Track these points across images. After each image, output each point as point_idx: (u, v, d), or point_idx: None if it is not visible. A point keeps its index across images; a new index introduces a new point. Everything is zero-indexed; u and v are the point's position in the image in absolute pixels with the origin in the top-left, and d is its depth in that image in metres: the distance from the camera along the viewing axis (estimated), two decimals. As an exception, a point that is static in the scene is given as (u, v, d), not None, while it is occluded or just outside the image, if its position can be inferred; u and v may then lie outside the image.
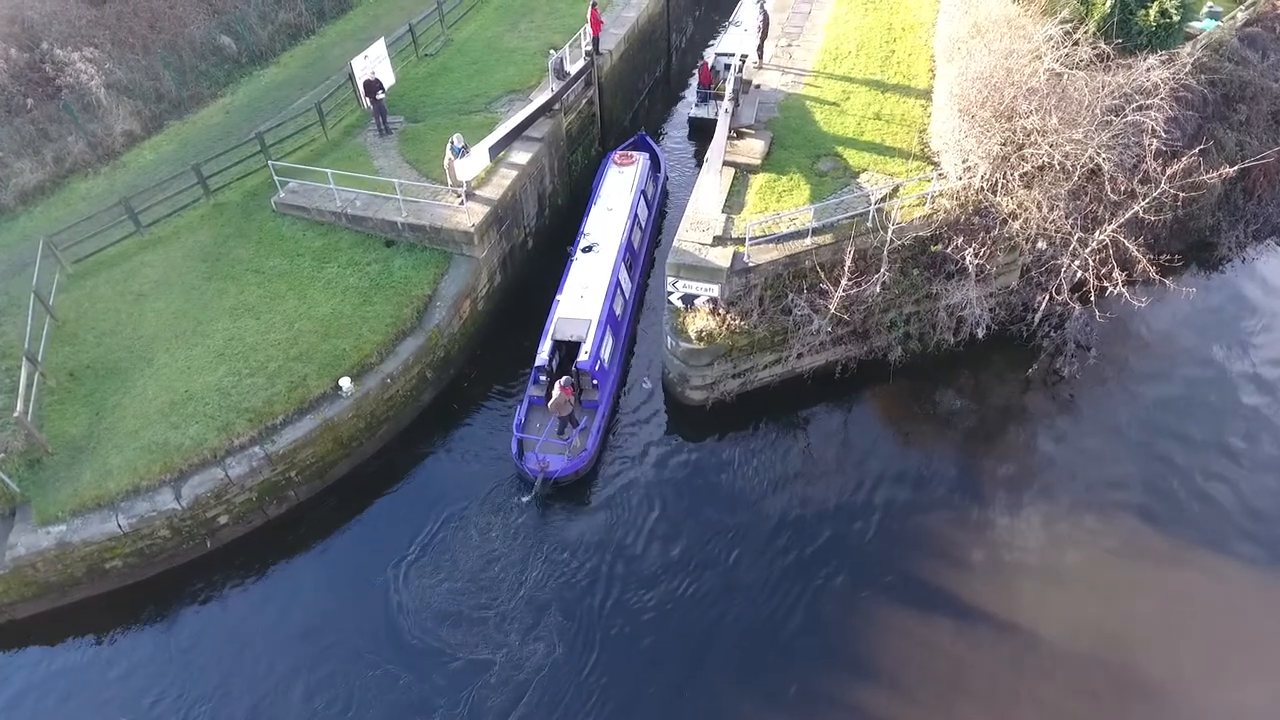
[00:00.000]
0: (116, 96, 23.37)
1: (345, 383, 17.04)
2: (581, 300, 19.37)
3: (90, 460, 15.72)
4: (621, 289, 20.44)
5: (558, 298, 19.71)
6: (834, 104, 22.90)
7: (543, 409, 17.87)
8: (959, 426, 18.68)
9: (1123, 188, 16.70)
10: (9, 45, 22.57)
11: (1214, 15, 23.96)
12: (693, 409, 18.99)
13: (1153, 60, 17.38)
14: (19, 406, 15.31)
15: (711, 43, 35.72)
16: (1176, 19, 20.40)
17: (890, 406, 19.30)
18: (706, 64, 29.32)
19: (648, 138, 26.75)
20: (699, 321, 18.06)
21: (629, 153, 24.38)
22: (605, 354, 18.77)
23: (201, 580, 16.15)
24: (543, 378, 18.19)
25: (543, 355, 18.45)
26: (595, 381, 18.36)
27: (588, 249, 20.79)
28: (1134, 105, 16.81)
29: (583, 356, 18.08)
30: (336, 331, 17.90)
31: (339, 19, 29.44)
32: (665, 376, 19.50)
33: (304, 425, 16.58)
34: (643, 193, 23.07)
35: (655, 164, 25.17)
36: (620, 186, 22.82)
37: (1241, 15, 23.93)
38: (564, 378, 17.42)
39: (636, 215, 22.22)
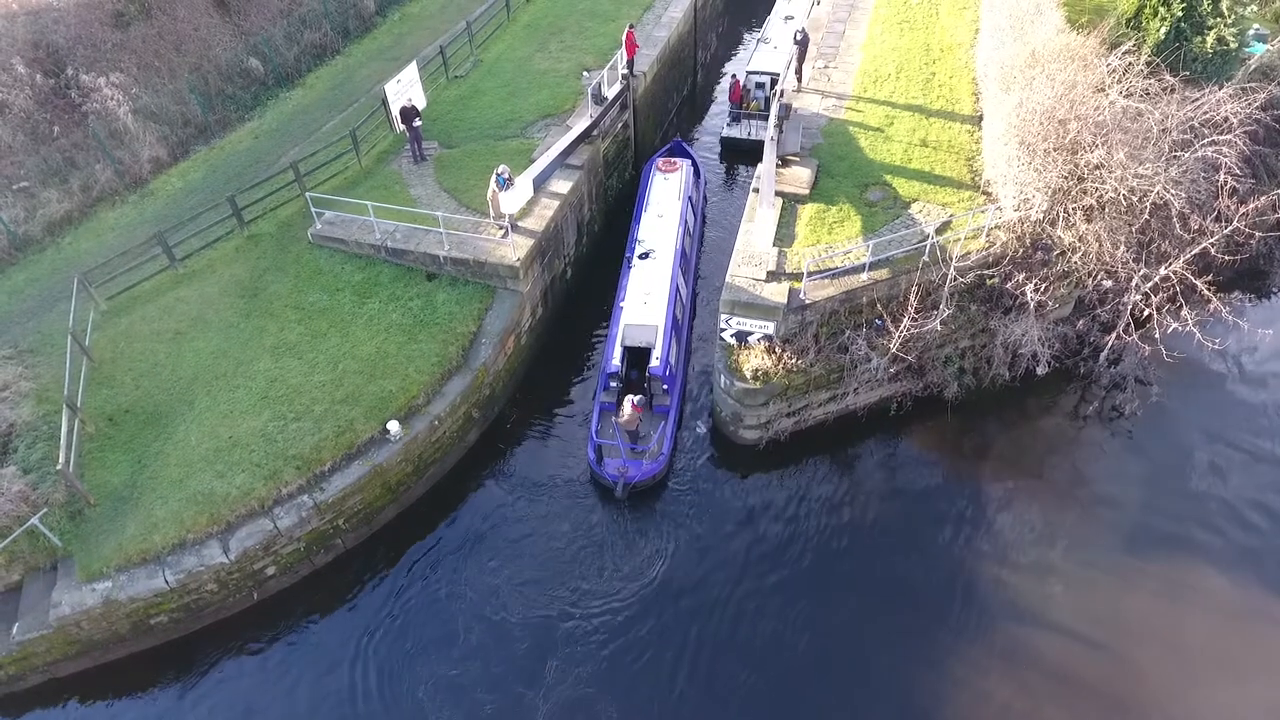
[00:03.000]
0: (143, 122, 22.82)
1: (393, 426, 16.54)
2: (645, 306, 19.40)
3: (134, 512, 15.18)
4: (680, 294, 20.46)
5: (620, 304, 19.85)
6: (878, 130, 22.45)
7: (612, 414, 17.99)
8: (1018, 466, 18.20)
9: (1194, 225, 16.26)
10: (34, 71, 22.00)
11: (1260, 38, 23.59)
12: (745, 449, 18.52)
13: (1223, 94, 16.92)
14: (61, 456, 14.77)
15: (734, 58, 35.44)
16: (1234, 46, 20.01)
17: (946, 444, 18.82)
18: (738, 82, 28.90)
19: (684, 144, 26.57)
20: (754, 360, 17.59)
21: (671, 159, 24.39)
22: (673, 359, 18.87)
23: (248, 634, 15.63)
24: (613, 384, 18.13)
25: (614, 362, 18.47)
26: (665, 386, 18.42)
27: (644, 255, 20.78)
28: (1205, 140, 16.38)
29: (654, 363, 18.22)
30: (382, 371, 17.39)
31: (364, 38, 28.92)
32: (717, 415, 19.02)
33: (353, 472, 16.07)
34: (689, 199, 23.20)
35: (696, 170, 25.27)
36: (668, 193, 22.87)
37: (1289, 37, 23.54)
38: (637, 396, 17.45)
39: (686, 221, 22.31)
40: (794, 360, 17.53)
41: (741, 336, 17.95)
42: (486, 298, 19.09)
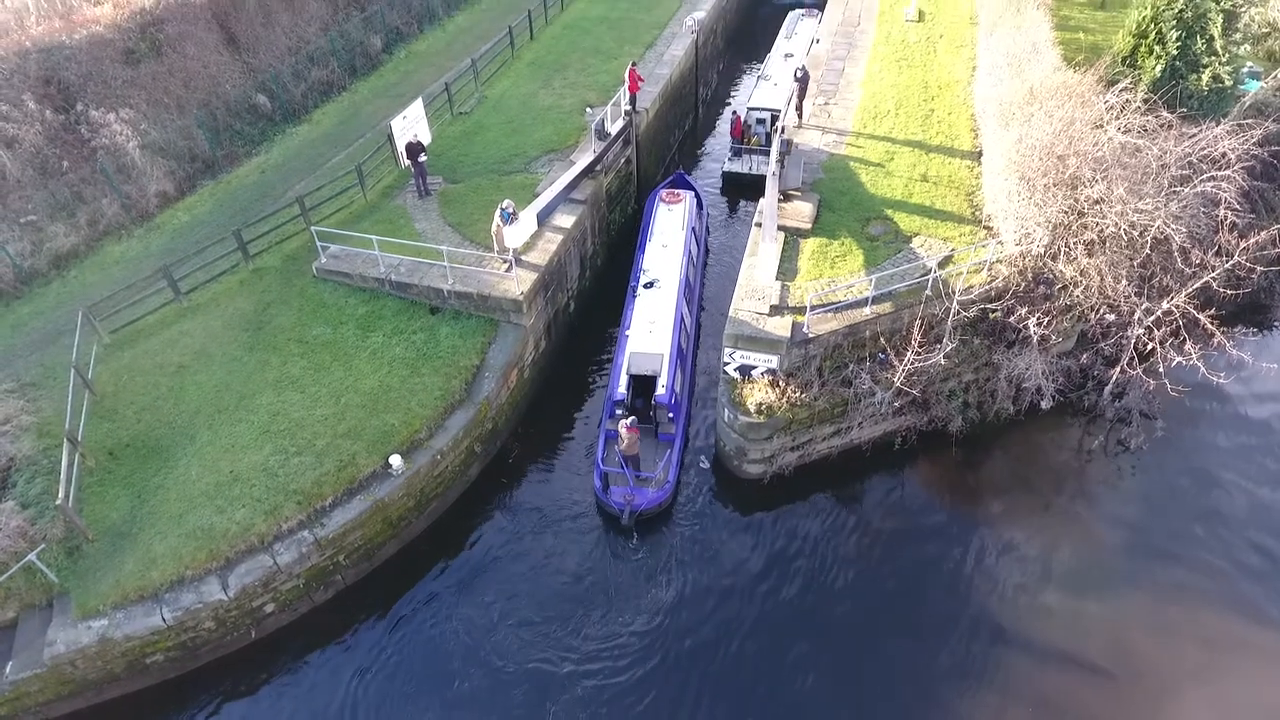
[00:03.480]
0: (151, 157, 23.05)
1: (396, 460, 16.43)
2: (651, 335, 19.57)
3: (132, 547, 15.01)
4: (684, 323, 20.61)
5: (626, 333, 19.97)
6: (879, 165, 22.67)
7: (615, 442, 17.97)
8: (1024, 501, 18.05)
9: (1195, 260, 16.33)
10: (45, 107, 22.26)
11: (1254, 75, 23.94)
12: (749, 483, 18.38)
13: (1220, 130, 17.10)
14: (61, 491, 14.65)
15: (735, 94, 35.95)
16: (1229, 83, 20.28)
17: (951, 479, 18.68)
18: (739, 118, 29.28)
19: (686, 176, 26.91)
20: (758, 394, 17.54)
21: (675, 190, 24.71)
22: (678, 387, 18.93)
23: (245, 674, 15.35)
24: (618, 412, 18.16)
25: (620, 389, 18.49)
26: (671, 415, 18.44)
27: (649, 285, 21.01)
28: (1204, 176, 16.52)
29: (660, 391, 18.28)
30: (385, 405, 17.33)
31: (370, 75, 29.36)
32: (720, 449, 18.92)
33: (354, 507, 15.92)
34: (693, 229, 23.47)
35: (698, 201, 25.60)
36: (672, 223, 23.18)
37: (1282, 74, 23.88)
38: (630, 418, 17.40)
39: (690, 251, 22.56)
40: (798, 394, 17.49)
41: (745, 370, 17.93)
42: (490, 331, 19.11)
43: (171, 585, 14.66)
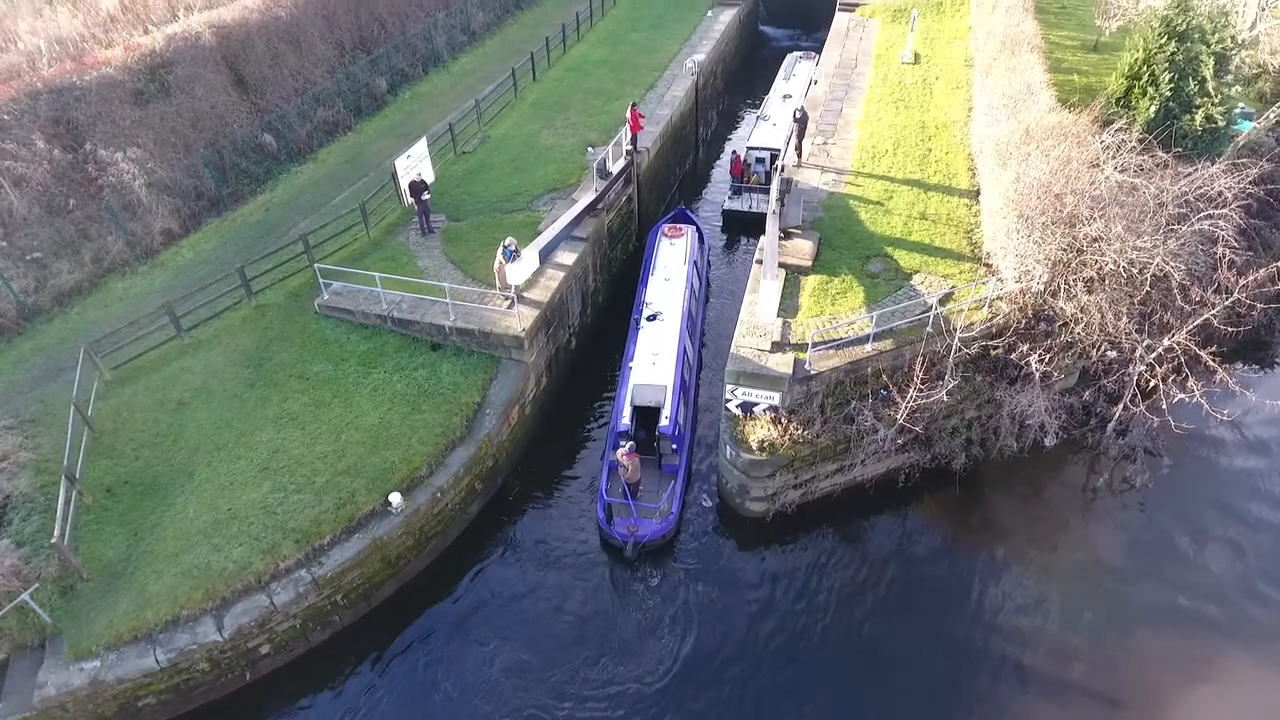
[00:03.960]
0: (157, 195, 23.27)
1: (395, 498, 16.29)
2: (654, 367, 19.68)
3: (127, 587, 14.80)
4: (687, 355, 20.77)
5: (629, 365, 20.07)
6: (878, 203, 22.89)
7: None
8: (1029, 539, 17.85)
9: (1195, 297, 16.39)
10: (53, 146, 22.53)
11: (1246, 116, 24.29)
12: (752, 522, 18.21)
13: (1215, 169, 17.30)
14: (57, 530, 14.48)
15: (734, 134, 36.47)
16: (1222, 124, 20.56)
17: (956, 517, 18.52)
18: (739, 157, 29.66)
19: (688, 211, 27.29)
20: (760, 431, 17.46)
21: (677, 225, 25.06)
22: (681, 418, 18.96)
23: (239, 717, 15.04)
24: (622, 442, 18.05)
25: (624, 420, 18.54)
26: (674, 446, 18.44)
27: (652, 317, 21.20)
28: (1201, 215, 16.67)
29: (663, 422, 18.33)
30: (385, 442, 17.24)
31: (375, 115, 29.81)
32: (723, 487, 18.78)
33: (352, 545, 15.74)
34: (695, 263, 23.73)
35: (700, 236, 25.93)
36: (674, 258, 23.46)
37: (1274, 114, 24.24)
38: (628, 444, 17.45)
39: (692, 285, 22.81)
40: (800, 431, 17.41)
41: (747, 407, 17.87)
42: (491, 368, 19.10)
43: (166, 626, 14.41)
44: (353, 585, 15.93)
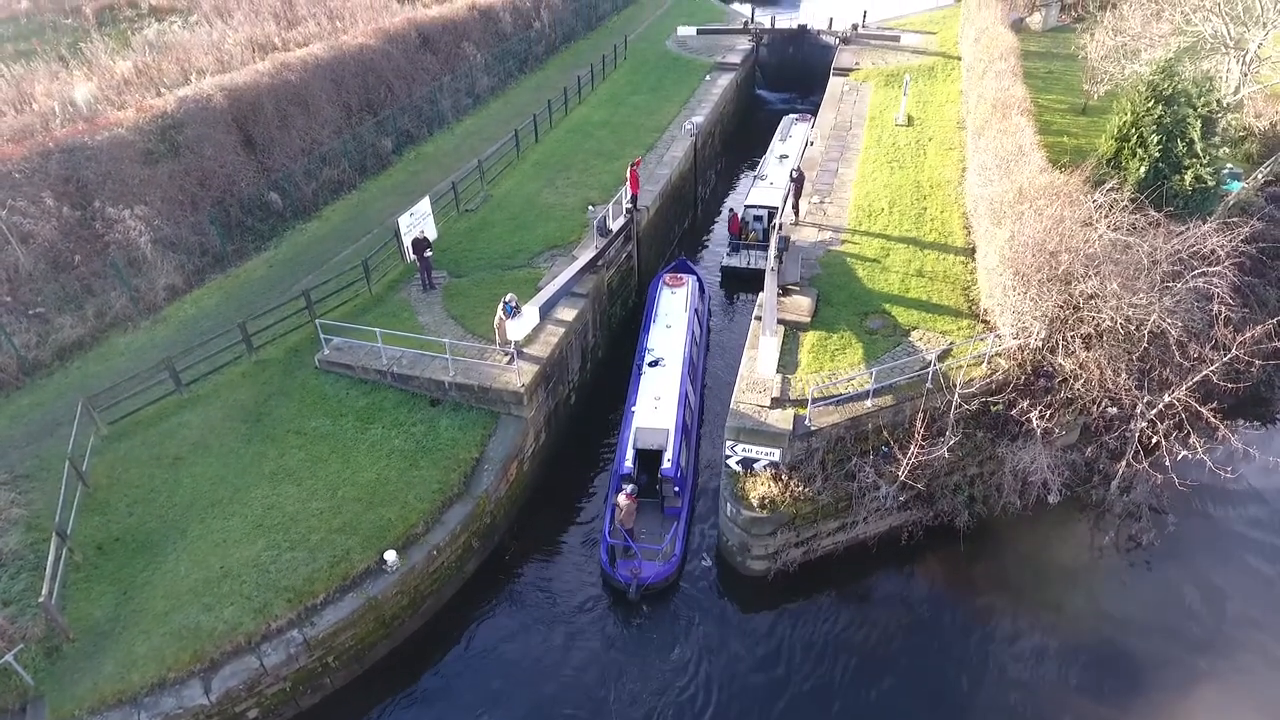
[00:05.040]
0: (162, 251, 23.54)
1: (390, 556, 16.02)
2: (656, 411, 19.89)
3: (114, 648, 14.44)
4: (689, 400, 20.96)
5: (632, 409, 20.29)
6: (875, 260, 23.16)
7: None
8: (1035, 598, 17.51)
9: (1194, 354, 16.44)
10: (62, 204, 22.88)
11: (1235, 176, 24.78)
12: (753, 580, 17.89)
13: (1207, 228, 17.56)
14: (45, 589, 14.21)
15: (732, 193, 37.13)
16: (1212, 184, 20.95)
17: (960, 576, 18.20)
18: (736, 215, 30.14)
19: (688, 261, 27.86)
20: (760, 487, 17.30)
21: (678, 274, 25.60)
22: (683, 461, 19.10)
23: (223, 786, 14.49)
24: (625, 486, 18.08)
25: (626, 464, 18.79)
26: (677, 489, 18.52)
27: (654, 363, 21.54)
28: (1195, 272, 16.84)
29: (665, 464, 18.49)
30: (382, 499, 17.06)
31: (380, 174, 30.37)
32: (723, 544, 18.51)
33: (346, 605, 15.42)
34: (695, 310, 24.20)
35: (700, 286, 26.42)
36: (675, 305, 23.97)
37: (1262, 175, 24.76)
38: (629, 487, 17.59)
39: (693, 332, 23.19)
40: (801, 488, 17.26)
41: (747, 464, 17.74)
42: (490, 424, 19.02)
43: (152, 688, 14.01)
44: (345, 646, 15.55)
